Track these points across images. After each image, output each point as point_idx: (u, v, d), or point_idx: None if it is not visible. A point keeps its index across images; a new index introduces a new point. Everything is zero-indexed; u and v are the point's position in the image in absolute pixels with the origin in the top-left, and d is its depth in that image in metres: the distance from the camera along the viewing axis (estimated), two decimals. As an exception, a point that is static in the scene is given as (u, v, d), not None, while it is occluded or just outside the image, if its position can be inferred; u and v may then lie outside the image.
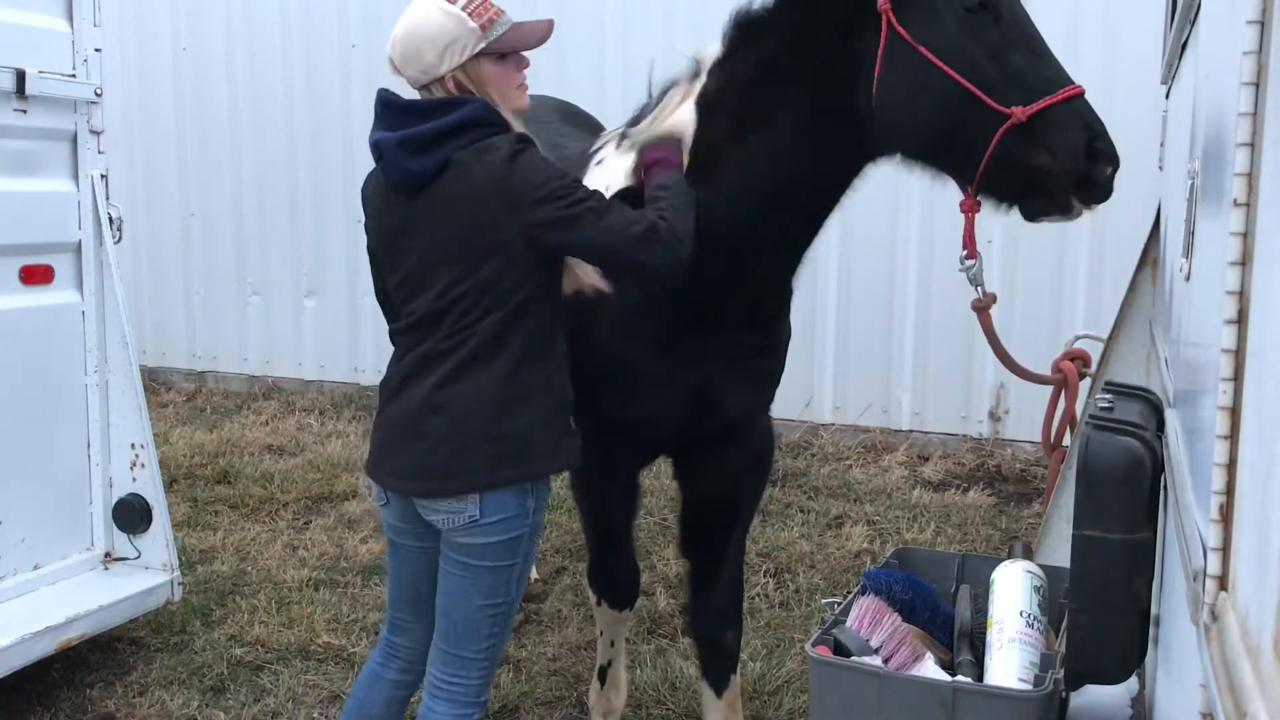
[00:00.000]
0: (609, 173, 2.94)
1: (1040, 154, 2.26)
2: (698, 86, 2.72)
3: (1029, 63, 2.30)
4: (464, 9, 2.43)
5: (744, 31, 2.61)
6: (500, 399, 2.37)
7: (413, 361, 2.44)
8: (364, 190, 2.57)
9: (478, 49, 2.41)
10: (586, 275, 2.55)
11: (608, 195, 2.81)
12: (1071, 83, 2.29)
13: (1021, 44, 2.31)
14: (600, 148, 3.14)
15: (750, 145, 2.58)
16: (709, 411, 2.88)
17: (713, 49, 2.73)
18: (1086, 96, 2.31)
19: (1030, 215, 2.38)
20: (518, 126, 2.47)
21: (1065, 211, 2.35)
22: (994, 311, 2.67)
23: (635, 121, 2.94)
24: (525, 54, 2.52)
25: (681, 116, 2.70)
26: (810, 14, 2.47)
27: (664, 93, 2.82)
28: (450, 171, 2.35)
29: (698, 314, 2.73)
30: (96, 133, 3.90)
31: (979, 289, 2.56)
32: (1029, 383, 3.07)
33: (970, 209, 2.41)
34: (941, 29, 2.29)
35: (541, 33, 2.51)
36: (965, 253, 2.50)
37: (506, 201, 2.32)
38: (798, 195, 2.60)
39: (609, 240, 2.37)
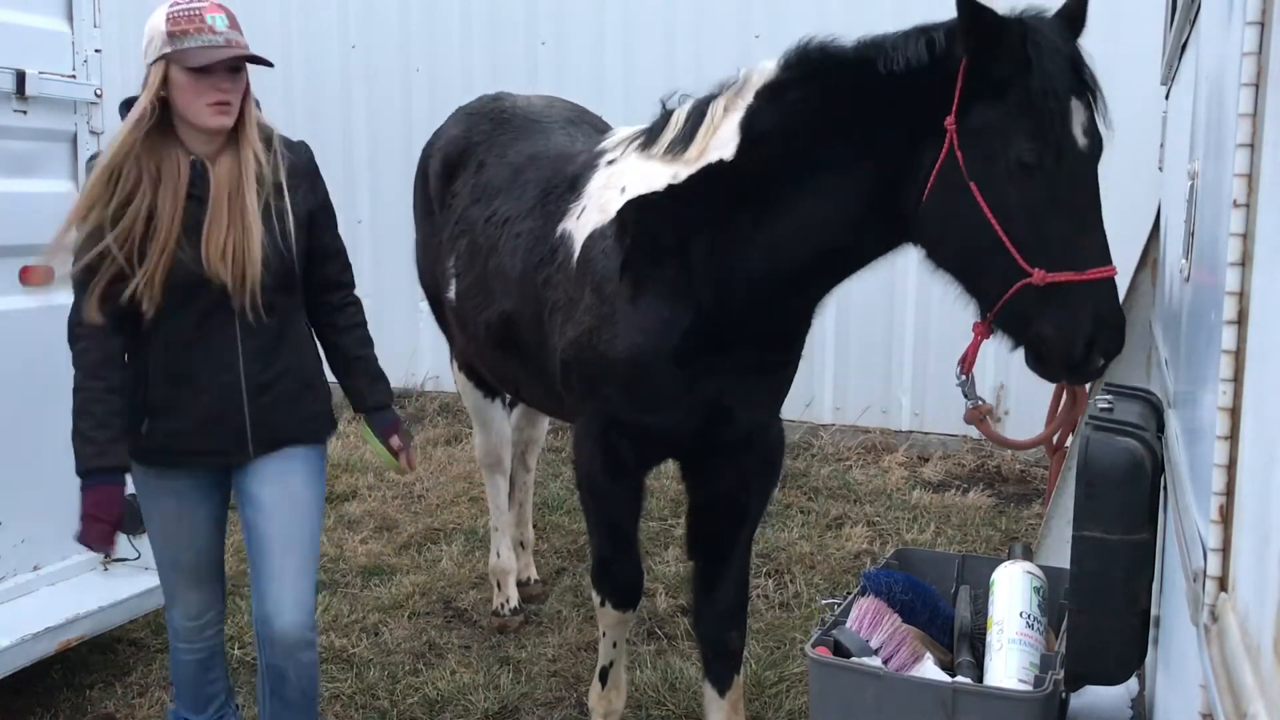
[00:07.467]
0: (626, 174, 2.94)
1: (1045, 324, 2.29)
2: (742, 103, 2.71)
3: (1069, 230, 2.28)
4: (172, 9, 2.44)
5: (815, 71, 2.58)
6: None
7: None
8: None
9: (162, 53, 2.43)
10: None
11: (624, 197, 2.85)
12: (1108, 263, 2.29)
13: (1070, 209, 2.29)
14: (611, 147, 3.14)
15: (808, 199, 2.59)
16: (726, 421, 2.91)
17: (766, 66, 2.69)
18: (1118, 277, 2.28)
19: (1030, 364, 2.41)
20: (200, 145, 2.52)
21: (1054, 381, 2.44)
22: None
23: (658, 128, 2.93)
24: (231, 80, 2.48)
25: (723, 135, 2.72)
26: (884, 107, 2.44)
27: (704, 105, 2.81)
28: None
29: (727, 333, 2.77)
30: (96, 133, 3.88)
31: (971, 401, 2.61)
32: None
33: (982, 334, 2.45)
34: (993, 171, 2.29)
35: (221, 61, 2.43)
36: (961, 369, 2.54)
37: None
38: (851, 249, 2.66)
39: None
